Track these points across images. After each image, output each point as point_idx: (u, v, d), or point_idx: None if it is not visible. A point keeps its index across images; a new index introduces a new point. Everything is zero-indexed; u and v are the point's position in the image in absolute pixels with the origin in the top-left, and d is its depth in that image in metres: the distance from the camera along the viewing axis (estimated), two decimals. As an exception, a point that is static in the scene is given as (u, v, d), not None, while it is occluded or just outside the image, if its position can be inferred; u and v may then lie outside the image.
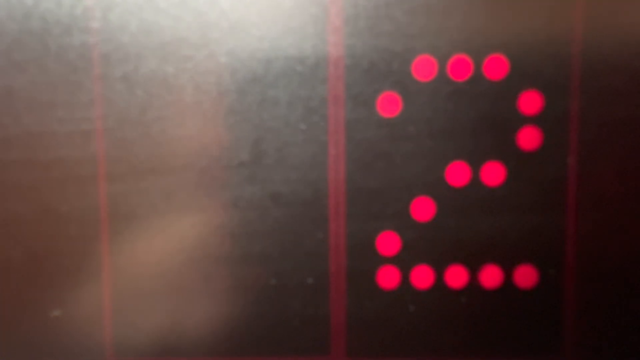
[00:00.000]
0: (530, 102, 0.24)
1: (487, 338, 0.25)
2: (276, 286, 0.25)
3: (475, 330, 0.25)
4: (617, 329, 0.25)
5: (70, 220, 0.25)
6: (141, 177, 0.25)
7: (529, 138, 0.24)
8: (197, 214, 0.25)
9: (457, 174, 0.25)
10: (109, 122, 0.24)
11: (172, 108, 0.24)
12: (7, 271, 0.25)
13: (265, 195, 0.25)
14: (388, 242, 0.25)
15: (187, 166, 0.25)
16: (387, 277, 0.25)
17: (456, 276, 0.25)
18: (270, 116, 0.24)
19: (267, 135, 0.25)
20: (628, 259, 0.25)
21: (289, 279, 0.25)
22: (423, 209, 0.25)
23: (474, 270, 0.25)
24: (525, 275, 0.25)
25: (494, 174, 0.25)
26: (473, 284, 0.25)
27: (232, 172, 0.25)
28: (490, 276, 0.25)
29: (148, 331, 0.25)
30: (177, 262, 0.25)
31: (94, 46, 0.24)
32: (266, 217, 0.25)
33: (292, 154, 0.25)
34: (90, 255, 0.25)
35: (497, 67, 0.24)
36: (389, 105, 0.24)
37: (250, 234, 0.25)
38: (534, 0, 0.24)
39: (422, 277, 0.25)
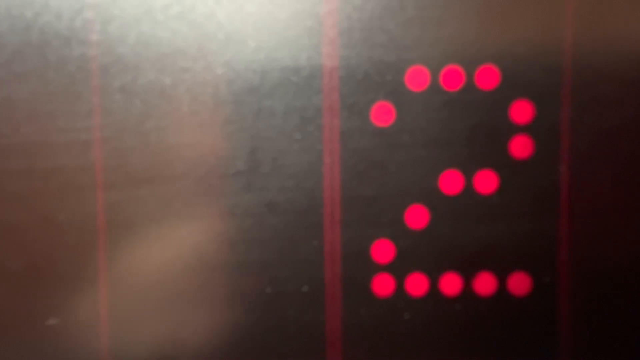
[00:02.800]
0: (521, 111, 0.25)
1: (481, 345, 0.25)
2: (272, 294, 0.25)
3: (470, 337, 0.25)
4: (612, 335, 0.25)
5: (68, 228, 0.25)
6: (139, 186, 0.25)
7: (520, 146, 0.25)
8: (194, 222, 0.25)
9: (451, 182, 0.25)
10: (108, 131, 0.25)
11: (170, 118, 0.25)
12: (4, 279, 0.25)
13: (261, 203, 0.25)
14: (383, 250, 0.25)
15: (184, 175, 0.25)
16: (382, 285, 0.25)
17: (450, 284, 0.25)
18: (266, 126, 0.25)
19: (263, 144, 0.25)
20: (621, 266, 0.25)
21: (284, 287, 0.25)
22: (417, 216, 0.25)
23: (468, 277, 0.25)
24: (519, 283, 0.25)
25: (486, 182, 0.25)
26: (467, 292, 0.25)
27: (229, 181, 0.25)
28: (485, 283, 0.25)
29: (145, 339, 0.25)
30: (174, 270, 0.25)
31: (93, 58, 0.25)
32: (262, 225, 0.25)
33: (288, 162, 0.25)
34: (88, 264, 0.25)
35: (488, 77, 0.25)
36: (382, 114, 0.25)
37: (246, 242, 0.25)
38: (524, 11, 0.24)
39: (417, 284, 0.25)
